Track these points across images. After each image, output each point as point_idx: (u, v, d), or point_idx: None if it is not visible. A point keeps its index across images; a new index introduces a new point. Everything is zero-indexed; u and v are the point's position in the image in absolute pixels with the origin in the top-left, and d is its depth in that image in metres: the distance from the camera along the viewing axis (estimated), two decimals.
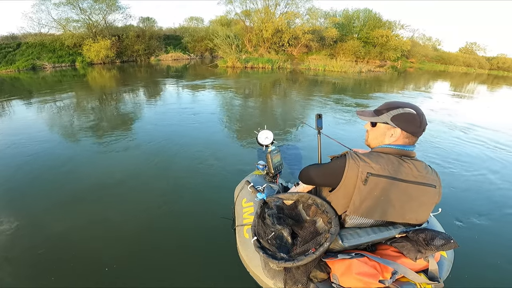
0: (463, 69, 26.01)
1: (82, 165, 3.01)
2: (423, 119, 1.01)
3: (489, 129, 5.17)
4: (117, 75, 11.67)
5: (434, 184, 1.00)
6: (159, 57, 18.53)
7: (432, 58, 27.05)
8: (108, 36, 15.49)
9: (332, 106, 6.58)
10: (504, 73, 27.05)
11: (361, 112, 1.15)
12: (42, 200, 2.33)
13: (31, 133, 4.05)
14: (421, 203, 1.00)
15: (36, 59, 13.57)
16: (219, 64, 15.45)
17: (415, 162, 1.01)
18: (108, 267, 1.65)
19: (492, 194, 2.69)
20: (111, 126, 4.53)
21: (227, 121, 5.02)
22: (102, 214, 2.15)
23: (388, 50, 21.74)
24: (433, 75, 18.75)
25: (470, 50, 32.03)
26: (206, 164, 3.04)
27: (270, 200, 1.27)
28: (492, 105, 8.62)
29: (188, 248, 1.80)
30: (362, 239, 1.03)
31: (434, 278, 0.98)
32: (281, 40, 18.73)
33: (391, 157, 1.01)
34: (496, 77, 22.53)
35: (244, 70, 14.55)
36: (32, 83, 9.66)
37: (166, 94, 7.66)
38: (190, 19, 26.88)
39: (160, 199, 2.35)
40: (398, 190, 0.98)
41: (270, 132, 1.56)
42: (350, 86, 10.55)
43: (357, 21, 23.85)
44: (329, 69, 15.53)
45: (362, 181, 0.98)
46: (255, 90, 8.87)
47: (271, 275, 1.09)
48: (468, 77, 19.43)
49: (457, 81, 16.26)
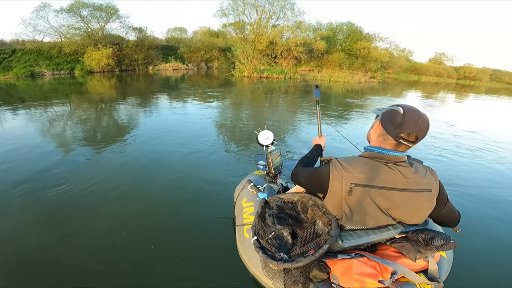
0: (434, 79, 26.80)
1: (79, 169, 2.85)
2: (409, 122, 0.85)
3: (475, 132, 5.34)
4: (135, 85, 11.12)
5: (429, 188, 0.91)
6: (158, 67, 18.21)
7: (406, 69, 27.78)
8: (109, 44, 15.06)
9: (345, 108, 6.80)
10: (471, 82, 28.03)
11: (377, 110, 1.03)
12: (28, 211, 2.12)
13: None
14: (414, 208, 0.93)
15: (35, 66, 13.03)
16: (235, 74, 15.73)
17: (401, 169, 0.91)
18: (107, 267, 1.55)
19: (492, 194, 2.63)
20: (130, 127, 4.33)
21: (231, 122, 4.95)
22: (108, 210, 2.05)
23: (369, 61, 22.21)
24: (409, 84, 19.37)
25: (439, 60, 32.95)
26: (206, 164, 2.95)
27: (271, 200, 1.21)
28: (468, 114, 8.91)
29: (188, 248, 1.71)
30: (362, 240, 0.98)
31: (433, 278, 0.93)
32: (274, 52, 18.87)
33: (376, 164, 0.92)
34: (463, 86, 23.40)
35: (259, 79, 14.80)
36: (39, 90, 9.26)
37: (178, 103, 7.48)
38: (174, 30, 26.31)
39: (159, 199, 2.25)
40: (385, 199, 0.91)
41: (270, 133, 1.50)
42: (354, 92, 11.66)
43: (341, 33, 24.34)
44: (334, 79, 16.23)
45: (347, 192, 0.92)
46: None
47: (270, 275, 1.03)
48: (438, 87, 20.13)
49: (429, 89, 16.97)
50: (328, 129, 4.82)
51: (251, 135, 3.95)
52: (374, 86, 15.21)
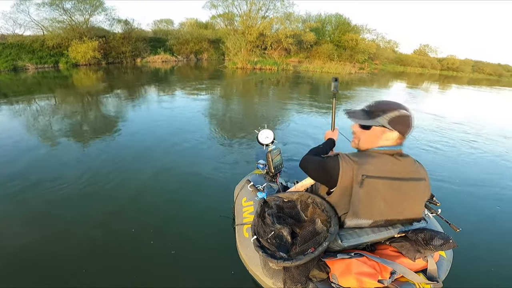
0: (419, 70, 27.18)
1: (69, 164, 2.72)
2: (412, 120, 0.94)
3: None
4: (128, 78, 10.69)
5: (424, 177, 0.96)
6: (147, 59, 17.60)
7: (392, 60, 27.97)
8: (94, 37, 14.36)
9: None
10: (453, 73, 28.61)
11: (352, 112, 1.01)
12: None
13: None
14: (415, 199, 0.95)
15: (18, 60, 12.33)
16: (228, 66, 15.43)
17: (405, 159, 0.94)
18: (106, 267, 1.50)
19: (492, 193, 2.57)
20: (130, 120, 4.15)
21: (229, 118, 4.82)
22: (104, 211, 1.97)
23: (357, 53, 22.21)
24: (395, 75, 19.59)
25: (424, 52, 33.30)
26: (206, 164, 2.83)
27: (270, 199, 1.17)
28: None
29: (187, 247, 1.67)
30: (361, 239, 0.96)
31: (433, 278, 0.92)
32: (264, 44, 18.59)
33: (385, 156, 0.93)
34: (446, 77, 23.87)
35: (253, 71, 14.60)
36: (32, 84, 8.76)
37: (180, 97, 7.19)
38: (160, 21, 25.05)
39: (159, 198, 2.18)
40: (393, 189, 0.91)
41: (270, 132, 1.45)
42: (345, 83, 11.83)
43: (329, 25, 24.16)
44: (325, 70, 16.28)
45: (358, 183, 0.90)
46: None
47: (270, 275, 1.01)
48: (423, 77, 20.45)
49: (414, 80, 17.26)
50: (319, 120, 4.82)
51: (253, 132, 3.86)
52: (363, 77, 15.38)
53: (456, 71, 29.40)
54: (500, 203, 2.43)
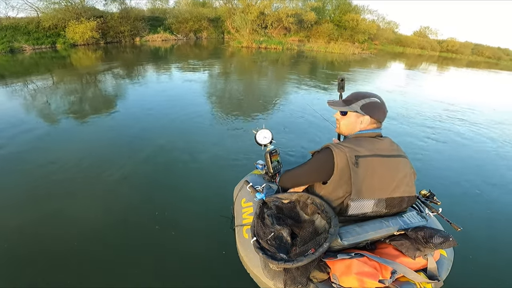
0: (418, 51, 26.28)
1: (70, 156, 2.64)
2: (385, 107, 1.05)
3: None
4: (129, 58, 10.21)
5: (405, 155, 1.03)
6: (146, 38, 16.79)
7: (392, 41, 26.92)
8: (92, 17, 13.54)
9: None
10: (452, 55, 27.73)
11: (332, 102, 1.13)
12: None
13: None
14: (406, 174, 1.00)
15: (13, 41, 11.73)
16: (233, 45, 15.00)
17: (385, 139, 1.03)
18: (106, 267, 1.48)
19: (492, 192, 2.45)
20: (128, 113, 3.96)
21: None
22: (98, 211, 1.91)
23: (357, 33, 21.32)
24: (395, 56, 18.99)
25: (424, 33, 31.98)
26: (207, 162, 2.64)
27: (269, 200, 1.12)
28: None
29: (187, 248, 1.62)
30: (361, 237, 0.93)
31: (433, 277, 0.90)
32: (264, 23, 17.70)
33: (368, 139, 1.01)
34: (445, 58, 23.12)
35: (258, 50, 14.27)
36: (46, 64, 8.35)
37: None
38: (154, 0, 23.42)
39: (158, 199, 2.07)
40: (385, 165, 0.96)
41: (268, 131, 1.36)
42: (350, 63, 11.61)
43: (330, 4, 22.94)
44: (329, 50, 15.90)
45: (353, 164, 0.93)
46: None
47: (270, 276, 0.98)
48: (421, 58, 19.83)
49: (413, 61, 16.81)
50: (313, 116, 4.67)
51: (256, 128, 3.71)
52: (366, 58, 15.13)
53: (455, 53, 28.45)
54: (501, 202, 2.32)
